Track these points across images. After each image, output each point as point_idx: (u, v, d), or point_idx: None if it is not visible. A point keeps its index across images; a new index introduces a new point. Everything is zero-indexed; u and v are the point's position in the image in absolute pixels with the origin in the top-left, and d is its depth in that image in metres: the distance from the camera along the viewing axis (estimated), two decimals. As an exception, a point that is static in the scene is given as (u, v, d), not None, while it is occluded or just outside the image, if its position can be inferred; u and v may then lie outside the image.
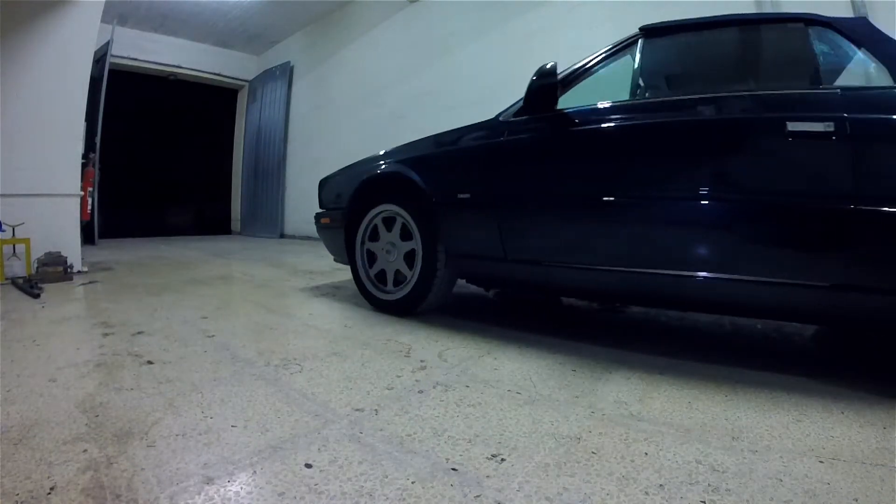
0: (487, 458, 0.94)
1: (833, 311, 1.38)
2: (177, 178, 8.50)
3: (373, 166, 2.34)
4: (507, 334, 1.86)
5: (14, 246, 3.02)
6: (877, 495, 0.81)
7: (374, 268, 2.30)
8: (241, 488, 0.82)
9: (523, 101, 1.84)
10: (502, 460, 0.93)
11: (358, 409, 1.16)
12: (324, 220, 2.61)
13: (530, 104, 1.80)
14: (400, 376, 1.39)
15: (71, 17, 3.35)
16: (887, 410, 1.16)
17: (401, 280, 2.19)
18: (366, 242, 2.32)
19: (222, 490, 0.81)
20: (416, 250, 2.09)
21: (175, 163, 8.44)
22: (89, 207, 5.02)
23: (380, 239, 2.26)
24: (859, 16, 1.56)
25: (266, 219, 7.83)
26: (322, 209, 2.69)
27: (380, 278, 2.29)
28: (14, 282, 2.87)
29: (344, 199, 2.42)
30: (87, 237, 5.17)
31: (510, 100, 1.99)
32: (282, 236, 7.47)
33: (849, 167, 1.28)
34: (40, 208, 3.24)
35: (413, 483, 0.84)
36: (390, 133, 5.12)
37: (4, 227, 2.96)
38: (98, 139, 5.49)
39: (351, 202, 2.35)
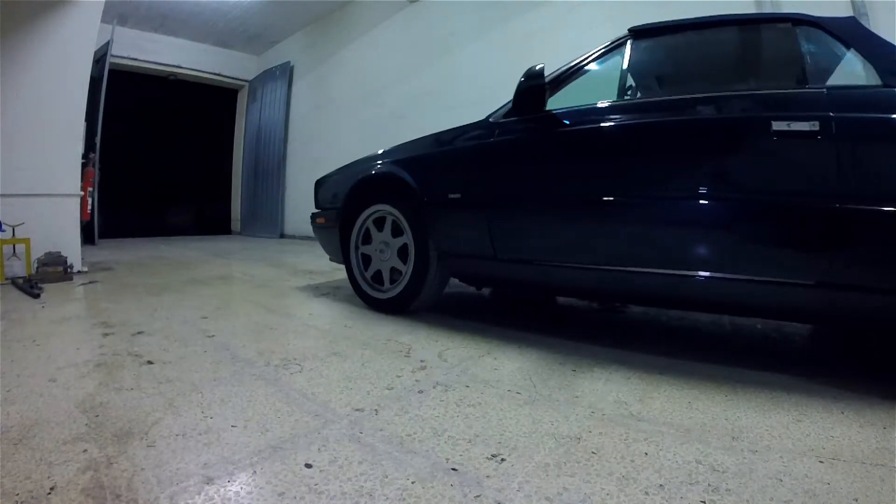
0: (487, 458, 0.94)
1: (819, 308, 1.39)
2: (177, 178, 8.50)
3: (367, 167, 2.36)
4: (507, 334, 1.86)
5: (14, 246, 3.02)
6: (877, 495, 0.81)
7: (368, 267, 2.33)
8: (241, 488, 0.82)
9: (512, 102, 1.86)
10: (502, 460, 0.93)
11: (358, 409, 1.16)
12: (319, 220, 2.64)
13: (518, 105, 1.83)
14: (400, 376, 1.39)
15: (71, 17, 3.35)
16: (887, 410, 1.16)
17: (394, 279, 2.21)
18: (360, 242, 2.35)
19: (222, 490, 0.81)
20: (409, 250, 2.12)
21: (175, 163, 8.45)
22: (89, 207, 5.02)
23: (373, 239, 2.29)
24: (849, 15, 1.55)
25: (266, 219, 7.83)
26: (318, 209, 2.71)
27: (374, 277, 2.31)
28: (14, 282, 2.87)
29: (339, 199, 2.45)
30: (87, 237, 5.17)
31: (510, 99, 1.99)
32: (282, 236, 7.47)
33: (834, 166, 1.29)
34: (40, 208, 3.24)
35: (413, 483, 0.84)
36: (390, 133, 5.12)
37: (4, 227, 2.96)
38: (98, 139, 5.49)
39: (345, 202, 2.38)
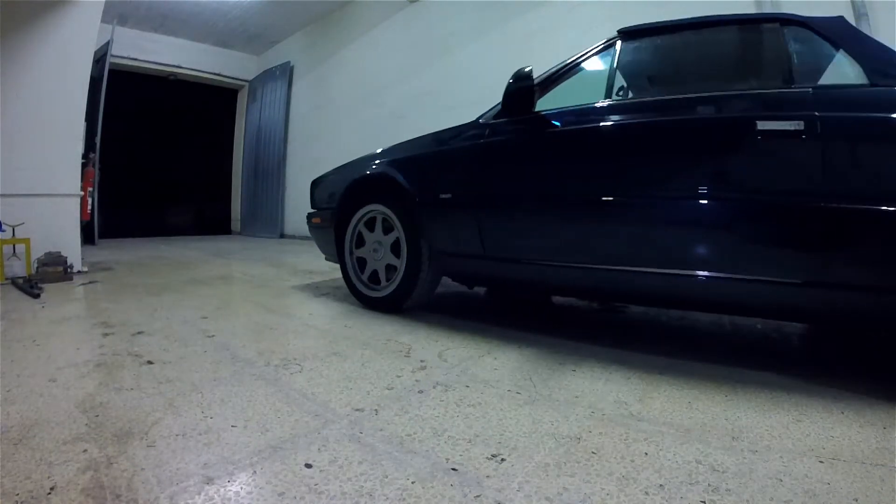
0: (487, 458, 0.94)
1: (806, 307, 1.41)
2: (177, 178, 8.50)
3: (361, 167, 2.40)
4: (507, 334, 1.86)
5: (14, 246, 3.02)
6: (877, 495, 0.81)
7: (362, 267, 2.36)
8: (241, 488, 0.82)
9: (501, 103, 1.89)
10: (502, 460, 0.93)
11: (358, 409, 1.16)
12: (315, 220, 2.68)
13: (507, 107, 1.86)
14: (400, 376, 1.39)
15: (71, 17, 3.34)
16: (887, 410, 1.16)
17: (388, 278, 2.24)
18: (354, 242, 2.38)
19: (222, 490, 0.81)
20: (401, 249, 2.15)
21: (175, 163, 8.44)
22: (89, 207, 5.01)
23: (367, 239, 2.32)
24: (838, 15, 1.55)
25: (266, 219, 7.83)
26: (314, 209, 2.74)
27: (368, 276, 2.34)
28: (14, 282, 2.87)
29: (335, 199, 2.48)
30: (87, 237, 5.17)
31: (510, 100, 1.99)
32: (282, 236, 7.47)
33: (820, 165, 1.29)
34: (40, 208, 3.23)
35: (413, 483, 0.84)
36: (390, 133, 5.12)
37: (4, 227, 2.96)
38: (98, 139, 5.49)
39: (340, 202, 2.41)
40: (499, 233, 1.88)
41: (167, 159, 8.30)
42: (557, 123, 1.76)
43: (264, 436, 1.01)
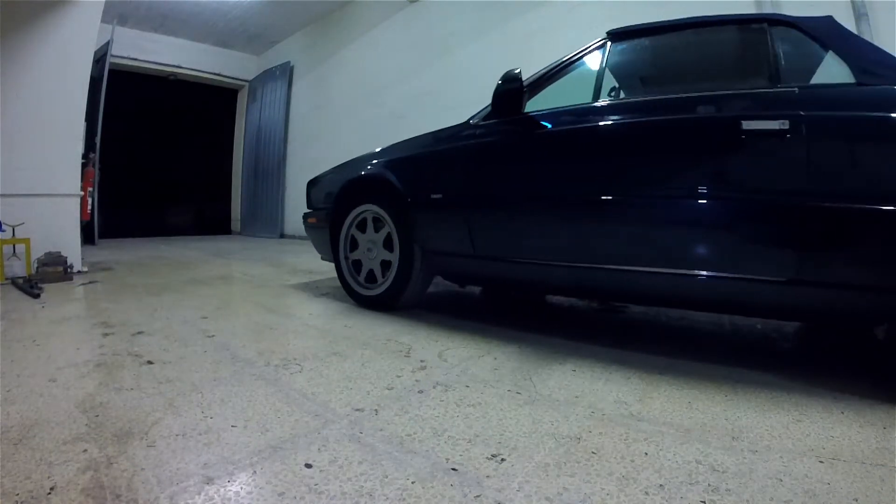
0: (487, 458, 0.94)
1: (792, 305, 1.42)
2: (177, 178, 8.50)
3: (357, 168, 2.43)
4: (506, 334, 1.86)
5: (14, 246, 3.02)
6: (877, 495, 0.81)
7: (356, 266, 2.40)
8: (241, 488, 0.82)
9: (490, 105, 1.91)
10: (502, 460, 0.93)
11: (358, 409, 1.16)
12: (311, 220, 2.71)
13: (496, 108, 1.88)
14: (400, 376, 1.39)
15: (71, 17, 3.34)
16: (887, 410, 1.16)
17: (382, 277, 2.27)
18: (348, 241, 2.41)
19: (222, 490, 0.81)
20: (394, 248, 2.17)
21: (175, 163, 8.44)
22: (89, 207, 5.01)
23: (361, 238, 2.35)
24: (826, 15, 1.55)
25: (266, 219, 7.83)
26: (310, 209, 2.77)
27: (361, 274, 2.37)
28: (14, 282, 2.87)
29: (331, 200, 2.51)
30: (87, 237, 5.17)
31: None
32: (282, 236, 7.47)
33: (805, 165, 1.30)
34: (40, 208, 3.23)
35: (413, 483, 0.84)
36: (390, 133, 5.11)
37: (4, 227, 2.96)
38: (98, 139, 5.49)
39: (334, 203, 2.44)
40: (488, 232, 1.91)
41: (167, 159, 8.30)
42: (544, 124, 1.79)
43: (264, 436, 1.01)
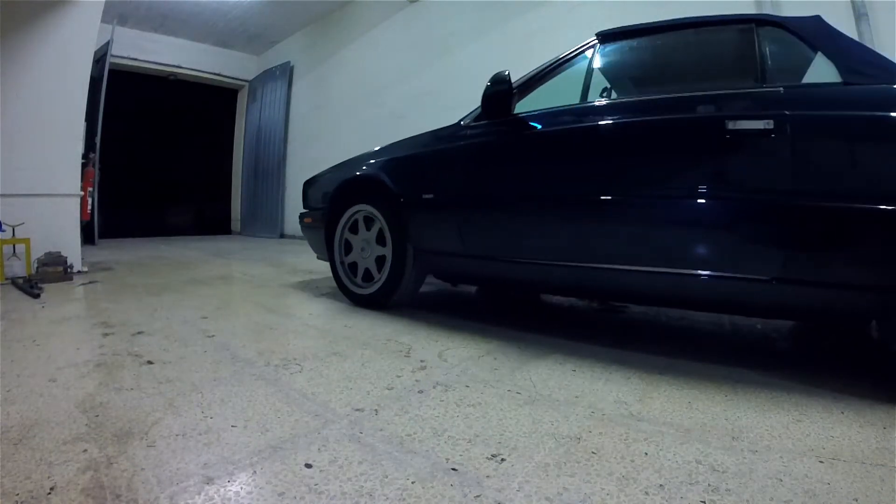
0: (487, 458, 0.94)
1: (777, 304, 1.43)
2: (177, 178, 8.50)
3: (352, 168, 2.45)
4: (507, 334, 1.86)
5: (14, 246, 3.02)
6: (877, 495, 0.81)
7: (350, 265, 2.42)
8: (241, 488, 0.82)
9: (480, 106, 1.92)
10: (502, 460, 0.93)
11: (358, 409, 1.16)
12: (307, 220, 2.74)
13: (486, 110, 1.90)
14: (400, 376, 1.39)
15: (71, 17, 3.34)
16: (887, 410, 1.16)
17: (375, 276, 2.30)
18: (343, 241, 2.43)
19: (222, 490, 0.81)
20: (387, 248, 2.20)
21: (175, 163, 8.44)
22: (89, 207, 5.01)
23: (355, 238, 2.38)
24: (814, 14, 1.56)
25: (266, 219, 7.83)
26: (306, 209, 2.80)
27: (355, 273, 2.41)
28: (14, 282, 2.87)
29: (326, 200, 2.53)
30: (87, 237, 5.17)
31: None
32: (282, 236, 7.47)
33: (790, 164, 1.31)
34: (40, 208, 3.23)
35: (413, 483, 0.84)
36: (390, 133, 5.10)
37: (4, 227, 2.96)
38: (98, 139, 5.49)
39: (329, 203, 2.47)
40: (477, 231, 1.93)
41: (167, 159, 8.30)
42: (531, 125, 1.81)
43: (264, 436, 1.01)
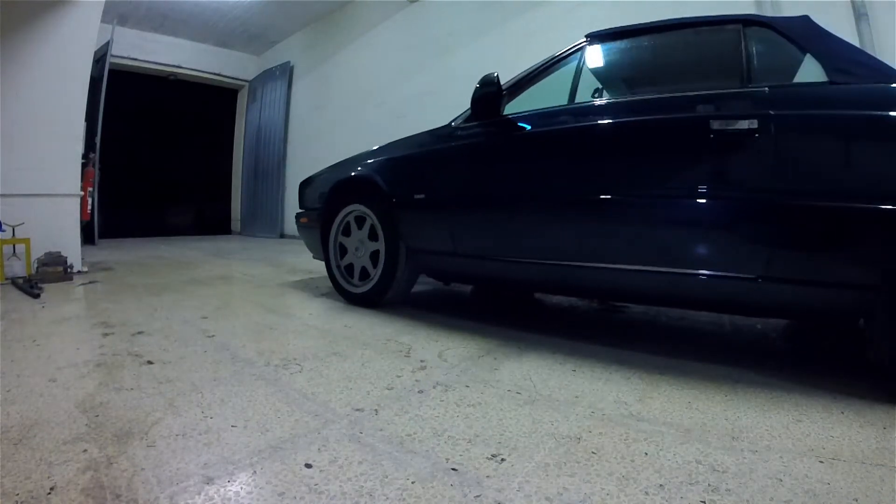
0: (487, 458, 0.94)
1: (763, 302, 1.44)
2: (177, 178, 8.48)
3: (346, 169, 2.48)
4: (506, 334, 1.86)
5: (14, 246, 3.02)
6: (877, 495, 0.81)
7: (345, 264, 2.45)
8: (241, 488, 0.82)
9: (470, 108, 1.94)
10: (502, 460, 0.93)
11: (358, 409, 1.16)
12: (303, 220, 2.78)
13: (475, 111, 1.93)
14: (400, 376, 1.39)
15: (71, 17, 3.34)
16: (887, 410, 1.16)
17: (368, 275, 2.33)
18: (337, 240, 2.47)
19: (222, 490, 0.81)
20: (380, 247, 2.23)
21: (175, 163, 8.42)
22: (89, 207, 5.01)
23: (350, 236, 2.40)
24: (803, 14, 1.56)
25: (266, 219, 7.83)
26: (302, 209, 2.83)
27: (349, 272, 2.44)
28: (14, 282, 2.87)
29: (321, 200, 2.56)
30: (87, 237, 5.17)
31: (509, 100, 2.00)
32: (282, 236, 7.47)
33: (774, 163, 1.31)
34: (40, 208, 3.23)
35: (413, 483, 0.84)
36: (390, 133, 5.09)
37: (4, 227, 2.96)
38: (98, 139, 5.48)
39: (325, 203, 2.50)
40: (467, 230, 1.96)
41: (167, 159, 8.28)
42: (519, 126, 1.83)
43: (264, 436, 1.01)
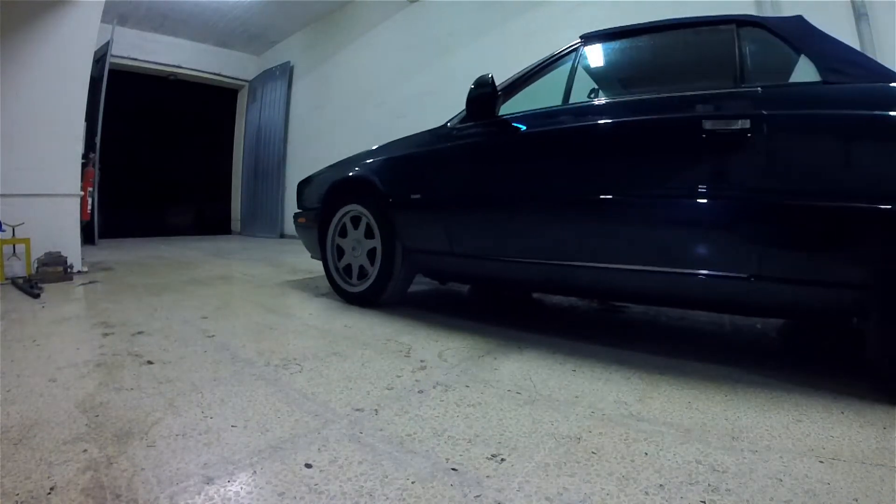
0: (487, 458, 0.94)
1: (755, 301, 1.44)
2: (177, 178, 8.48)
3: (343, 170, 2.49)
4: (506, 334, 1.86)
5: (14, 246, 3.02)
6: (877, 495, 0.81)
7: (342, 263, 2.46)
8: (241, 488, 0.82)
9: (465, 109, 1.96)
10: (502, 460, 0.93)
11: (358, 409, 1.16)
12: (301, 220, 2.79)
13: (470, 112, 1.94)
14: (400, 376, 1.39)
15: (71, 17, 3.34)
16: (887, 410, 1.16)
17: (365, 275, 2.34)
18: (335, 239, 2.48)
19: (222, 490, 0.81)
20: (377, 247, 2.24)
21: (175, 163, 8.42)
22: (89, 207, 5.01)
23: (347, 236, 2.42)
24: (796, 14, 1.56)
25: (266, 219, 7.83)
26: (300, 209, 2.84)
27: (346, 272, 2.45)
28: (14, 282, 2.87)
29: (319, 200, 2.57)
30: (87, 237, 5.16)
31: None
32: (281, 236, 7.47)
33: (766, 163, 1.32)
34: (40, 208, 3.23)
35: (413, 483, 0.84)
36: (390, 133, 5.08)
37: (4, 227, 2.96)
38: (98, 139, 5.48)
39: (322, 203, 2.51)
40: (462, 230, 1.97)
41: (167, 159, 8.28)
42: (513, 127, 1.84)
43: (264, 436, 1.01)
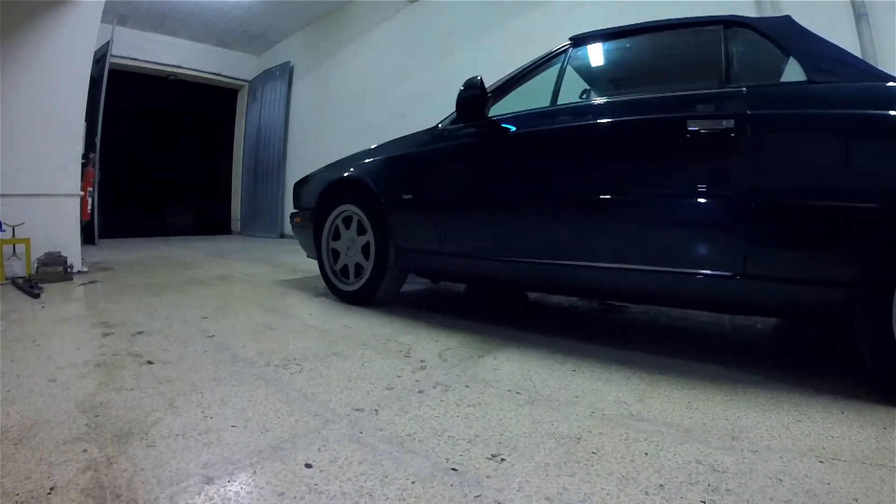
0: (487, 458, 0.94)
1: (742, 299, 1.45)
2: (177, 178, 8.48)
3: (339, 170, 2.52)
4: (507, 334, 1.86)
5: (14, 246, 3.02)
6: (877, 495, 0.81)
7: (337, 262, 2.49)
8: (241, 488, 0.82)
9: (455, 110, 1.98)
10: (502, 460, 0.93)
11: (358, 409, 1.16)
12: (297, 220, 2.83)
13: (460, 114, 1.97)
14: (400, 376, 1.39)
15: (71, 17, 3.34)
16: (887, 410, 1.16)
17: (359, 273, 2.37)
18: (330, 240, 2.50)
19: (222, 490, 0.81)
20: (370, 247, 2.27)
21: (175, 163, 8.42)
22: (89, 207, 5.01)
23: (342, 236, 2.44)
24: (784, 15, 1.57)
25: (266, 219, 7.83)
26: (296, 209, 2.88)
27: (342, 271, 2.47)
28: (14, 282, 2.87)
29: (314, 201, 2.60)
30: (87, 237, 5.16)
31: (509, 100, 2.01)
32: (281, 236, 7.47)
33: (751, 162, 1.32)
34: (40, 208, 3.23)
35: (413, 483, 0.84)
36: (390, 133, 5.08)
37: (4, 227, 2.96)
38: (98, 139, 5.48)
39: (317, 203, 2.54)
40: (453, 230, 1.99)
41: (167, 159, 8.28)
42: (501, 128, 1.86)
43: (264, 436, 1.01)
